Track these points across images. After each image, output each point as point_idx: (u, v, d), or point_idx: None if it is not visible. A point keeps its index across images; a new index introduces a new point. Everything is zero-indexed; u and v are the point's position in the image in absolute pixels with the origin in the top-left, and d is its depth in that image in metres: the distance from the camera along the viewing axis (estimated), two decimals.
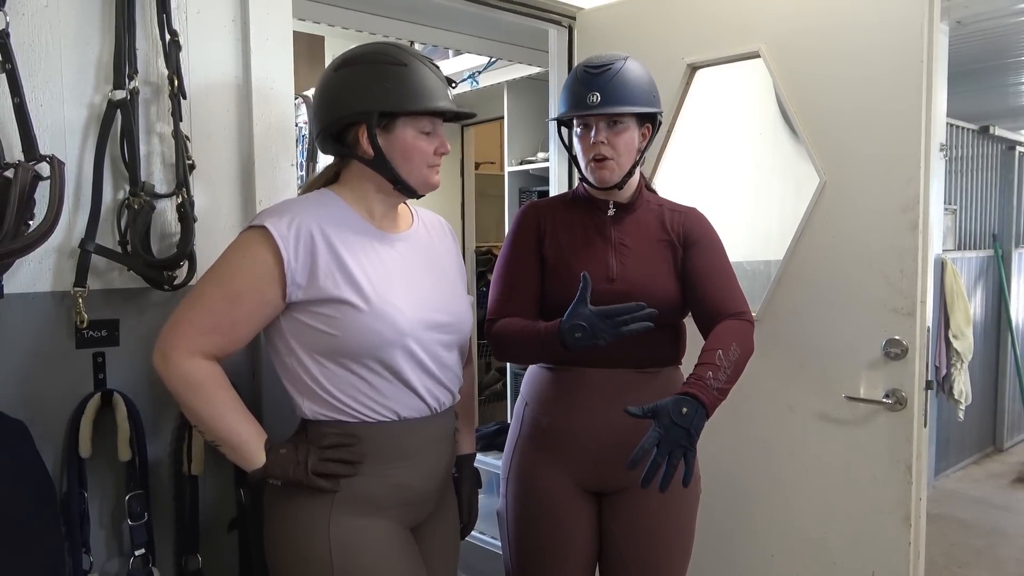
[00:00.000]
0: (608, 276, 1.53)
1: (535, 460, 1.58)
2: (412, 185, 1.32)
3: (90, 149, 1.39)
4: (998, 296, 4.92)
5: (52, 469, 1.35)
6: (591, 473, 1.55)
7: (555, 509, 1.56)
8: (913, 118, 1.75)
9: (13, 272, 1.31)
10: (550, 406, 1.57)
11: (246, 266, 1.24)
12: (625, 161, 1.54)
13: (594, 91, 1.50)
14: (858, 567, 1.88)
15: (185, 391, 1.22)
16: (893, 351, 1.80)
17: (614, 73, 1.51)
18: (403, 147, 1.29)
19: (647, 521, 1.55)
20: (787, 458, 1.97)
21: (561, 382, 1.56)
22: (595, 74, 1.52)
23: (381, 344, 1.25)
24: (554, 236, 1.59)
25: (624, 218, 1.59)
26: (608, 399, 1.52)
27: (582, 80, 1.53)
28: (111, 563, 1.46)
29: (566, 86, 1.58)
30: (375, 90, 1.25)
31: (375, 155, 1.28)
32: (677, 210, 1.63)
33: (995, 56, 4.15)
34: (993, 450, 5.01)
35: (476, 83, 3.35)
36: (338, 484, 1.27)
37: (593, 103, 1.50)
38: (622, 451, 1.48)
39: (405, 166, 1.30)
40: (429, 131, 1.30)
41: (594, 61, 1.55)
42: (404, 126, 1.28)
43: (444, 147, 1.33)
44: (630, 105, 1.51)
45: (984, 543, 3.59)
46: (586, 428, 1.53)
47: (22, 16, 1.31)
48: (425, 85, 1.28)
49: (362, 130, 1.27)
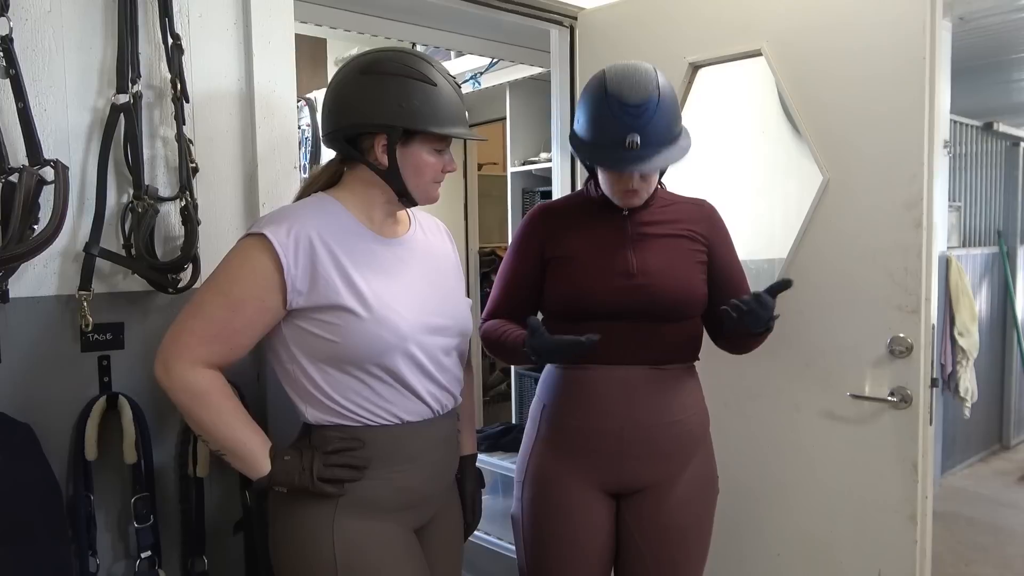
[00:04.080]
0: (628, 271, 1.52)
1: (554, 463, 1.57)
2: (416, 198, 1.33)
3: (94, 153, 1.39)
4: (1003, 293, 4.90)
5: (58, 472, 1.35)
6: (613, 473, 1.54)
7: (573, 512, 1.55)
8: (916, 115, 1.75)
9: (18, 276, 1.31)
10: (570, 407, 1.56)
11: (246, 274, 1.23)
12: (651, 189, 1.54)
13: (633, 133, 1.40)
14: (864, 565, 1.87)
15: (188, 402, 1.21)
16: (898, 349, 1.79)
17: (653, 111, 1.41)
18: (416, 162, 1.29)
19: (666, 519, 1.55)
20: (792, 457, 1.97)
21: (578, 382, 1.55)
22: (635, 113, 1.40)
23: (383, 350, 1.25)
24: (565, 236, 1.58)
25: (640, 213, 1.58)
26: (627, 397, 1.52)
27: (619, 115, 1.41)
28: (117, 565, 1.46)
29: (594, 111, 1.46)
30: (404, 106, 1.25)
31: (389, 166, 1.28)
32: (691, 202, 1.64)
33: (998, 52, 4.15)
34: (999, 447, 4.99)
35: (478, 84, 3.35)
36: (343, 489, 1.27)
37: (632, 145, 1.40)
38: (644, 449, 1.52)
39: (414, 180, 1.31)
40: (440, 149, 1.32)
41: (628, 94, 1.41)
42: (421, 143, 1.29)
43: (452, 165, 1.35)
44: (668, 145, 1.44)
45: (991, 540, 3.58)
46: (608, 427, 1.52)
47: (25, 21, 1.32)
48: (451, 108, 1.29)
49: (379, 139, 1.27)
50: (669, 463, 1.54)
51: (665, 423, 1.52)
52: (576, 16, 2.35)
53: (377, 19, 2.45)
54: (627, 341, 1.51)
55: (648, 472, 1.54)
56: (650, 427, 1.52)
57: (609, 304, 1.51)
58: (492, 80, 3.34)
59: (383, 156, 1.27)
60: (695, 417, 1.58)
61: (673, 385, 1.54)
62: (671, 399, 1.54)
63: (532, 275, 1.60)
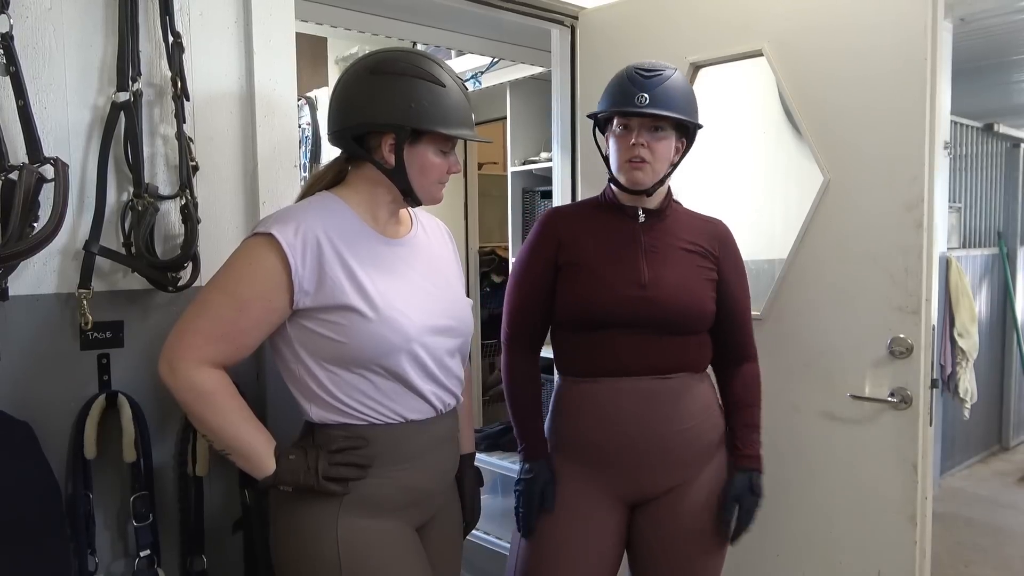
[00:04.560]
0: (640, 282, 1.52)
1: (569, 477, 1.57)
2: (421, 198, 1.33)
3: (94, 151, 1.39)
4: (1003, 294, 4.90)
5: (57, 471, 1.35)
6: (631, 484, 1.55)
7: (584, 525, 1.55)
8: (917, 116, 1.75)
9: (18, 274, 1.31)
10: (584, 422, 1.56)
11: (253, 273, 1.23)
12: (660, 167, 1.53)
13: (643, 92, 1.49)
14: (864, 566, 1.87)
15: (194, 401, 1.21)
16: (898, 349, 1.79)
17: (665, 79, 1.50)
18: (422, 163, 1.30)
19: (684, 524, 1.55)
20: (792, 457, 1.96)
21: (589, 395, 1.55)
22: (647, 77, 1.50)
23: (388, 351, 1.25)
24: (577, 242, 1.58)
25: (654, 225, 1.58)
26: (639, 407, 1.52)
27: (632, 80, 1.51)
28: (116, 564, 1.46)
29: (612, 84, 1.56)
30: (413, 107, 1.25)
31: (396, 166, 1.28)
32: (705, 220, 1.64)
33: (999, 53, 4.14)
34: (999, 448, 4.99)
35: (479, 83, 3.35)
36: (348, 487, 1.27)
37: (642, 103, 1.49)
38: (660, 457, 1.53)
39: (419, 180, 1.31)
40: (446, 151, 1.32)
41: (645, 64, 1.53)
42: (428, 143, 1.29)
43: (456, 167, 1.35)
44: (679, 112, 1.51)
45: (990, 541, 3.58)
46: (623, 440, 1.52)
47: (26, 19, 1.31)
48: (459, 109, 1.30)
49: (387, 139, 1.27)
50: (686, 469, 1.55)
51: (677, 430, 1.53)
52: (577, 16, 2.35)
53: (378, 18, 2.45)
54: (636, 351, 1.51)
55: (665, 479, 1.54)
56: (664, 435, 1.52)
57: (619, 314, 1.51)
58: (493, 79, 3.33)
59: (390, 155, 1.28)
60: (708, 422, 1.57)
61: (683, 392, 1.54)
62: (682, 406, 1.53)
63: (548, 279, 1.59)
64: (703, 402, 1.58)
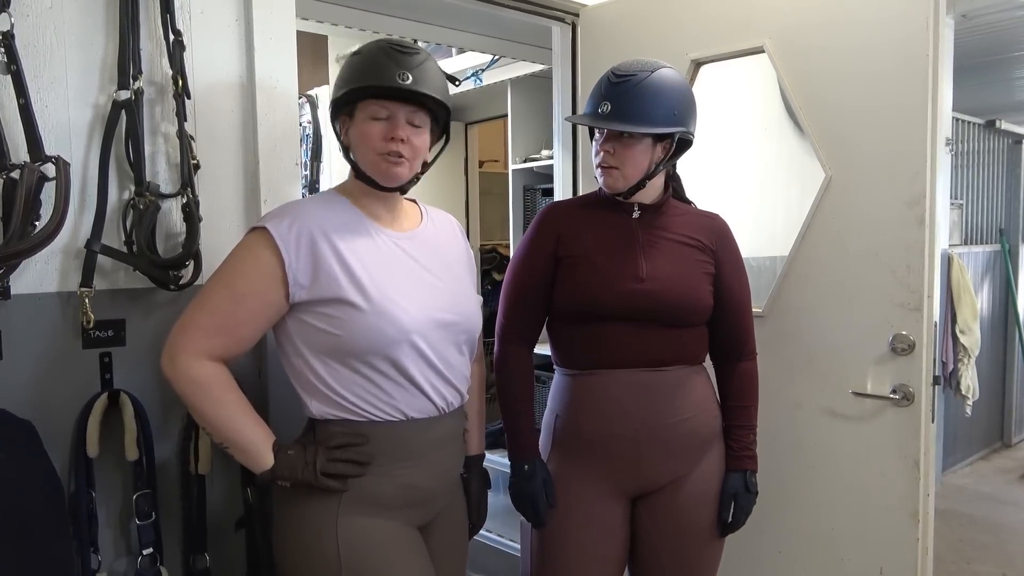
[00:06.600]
0: (638, 276, 1.52)
1: (571, 468, 1.57)
2: (373, 176, 1.30)
3: (95, 150, 1.39)
4: (1005, 291, 4.89)
5: (60, 469, 1.35)
6: (632, 475, 1.55)
7: (591, 513, 1.55)
8: (919, 112, 1.74)
9: (20, 273, 1.31)
10: (584, 415, 1.56)
11: (249, 267, 1.25)
12: (631, 173, 1.51)
13: (606, 101, 1.48)
14: (866, 563, 1.87)
15: (193, 393, 1.22)
16: (900, 346, 1.79)
17: (633, 85, 1.47)
18: (356, 134, 1.30)
19: (680, 515, 1.56)
20: (794, 454, 1.96)
21: (588, 388, 1.55)
22: (615, 83, 1.49)
23: (385, 343, 1.25)
24: (576, 236, 1.58)
25: (651, 219, 1.58)
26: (638, 400, 1.52)
27: (603, 86, 1.51)
28: (119, 562, 1.46)
29: (595, 86, 1.56)
30: (338, 83, 1.29)
31: (341, 146, 1.32)
32: (703, 214, 1.64)
33: (1001, 50, 4.13)
34: (1001, 445, 4.99)
35: (480, 81, 3.34)
36: (346, 484, 1.27)
37: (603, 113, 1.48)
38: (659, 449, 1.53)
39: (359, 153, 1.30)
40: (383, 117, 1.27)
41: (621, 69, 1.51)
42: (361, 113, 1.28)
43: (398, 131, 1.26)
44: (639, 123, 1.46)
45: (992, 538, 3.58)
46: (623, 432, 1.52)
47: (27, 17, 1.31)
48: (371, 68, 1.25)
49: (340, 126, 1.33)
50: (684, 460, 1.56)
51: (675, 422, 1.53)
52: (578, 13, 2.35)
53: (379, 16, 2.45)
54: (633, 344, 1.51)
55: (664, 470, 1.55)
56: (662, 427, 1.52)
57: (617, 307, 1.51)
58: (494, 77, 3.33)
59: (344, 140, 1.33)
60: (705, 414, 1.58)
61: (681, 384, 1.55)
62: (680, 398, 1.54)
63: (547, 274, 1.59)
64: (700, 394, 1.58)
